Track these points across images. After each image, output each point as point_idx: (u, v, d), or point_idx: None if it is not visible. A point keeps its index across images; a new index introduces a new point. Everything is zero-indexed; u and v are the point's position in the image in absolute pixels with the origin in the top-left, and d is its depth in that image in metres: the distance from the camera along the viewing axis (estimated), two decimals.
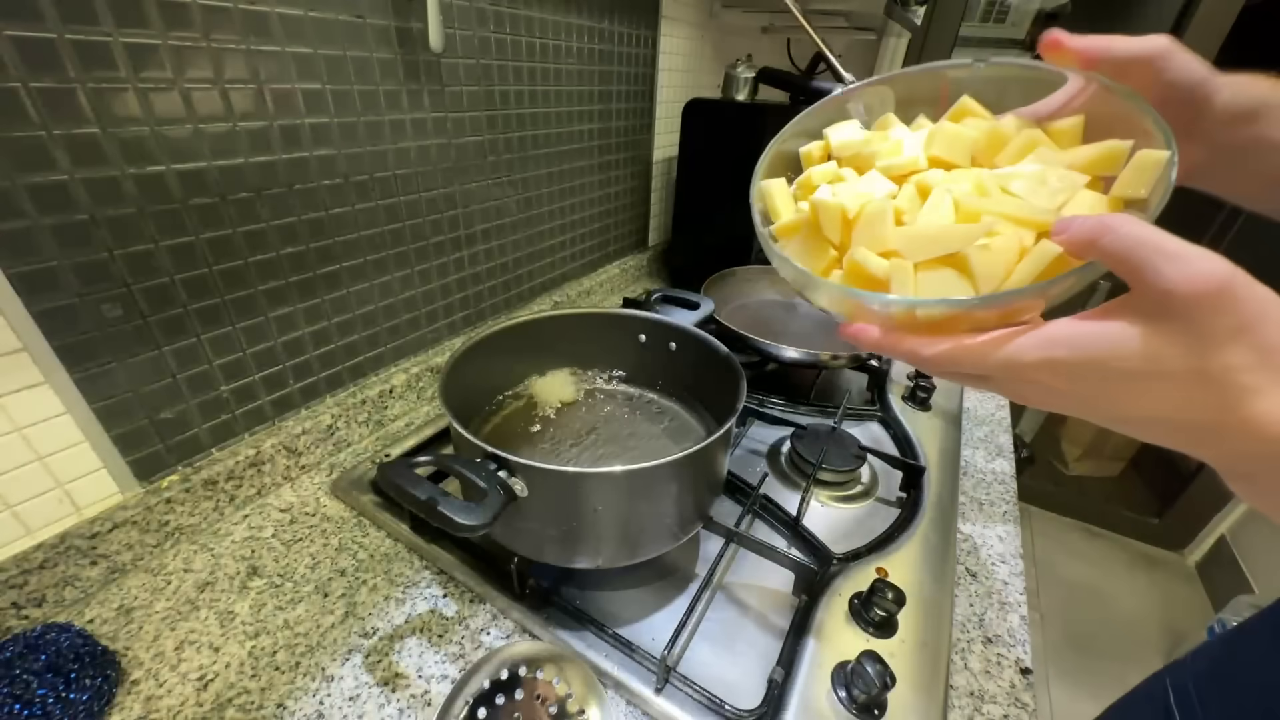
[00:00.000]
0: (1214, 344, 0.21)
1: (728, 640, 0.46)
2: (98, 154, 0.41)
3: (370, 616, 0.46)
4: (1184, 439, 0.23)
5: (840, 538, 0.56)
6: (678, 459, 0.41)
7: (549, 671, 0.40)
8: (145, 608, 0.46)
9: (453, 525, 0.35)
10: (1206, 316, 0.21)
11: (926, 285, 0.27)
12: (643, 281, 1.21)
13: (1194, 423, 0.22)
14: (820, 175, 0.35)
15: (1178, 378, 0.21)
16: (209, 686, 0.41)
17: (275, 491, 0.59)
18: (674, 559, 0.52)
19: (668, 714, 0.40)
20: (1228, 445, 0.22)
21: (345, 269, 0.61)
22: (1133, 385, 0.22)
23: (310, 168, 0.54)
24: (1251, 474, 0.23)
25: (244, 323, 0.54)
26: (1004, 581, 0.53)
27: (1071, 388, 0.24)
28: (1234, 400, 0.21)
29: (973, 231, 0.27)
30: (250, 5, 0.46)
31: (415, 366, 0.72)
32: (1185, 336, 0.21)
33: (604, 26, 0.87)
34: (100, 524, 0.46)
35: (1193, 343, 0.21)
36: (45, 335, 0.41)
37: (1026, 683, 0.45)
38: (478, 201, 0.75)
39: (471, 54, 0.67)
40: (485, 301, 0.82)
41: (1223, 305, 0.20)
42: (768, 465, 0.66)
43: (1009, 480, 0.67)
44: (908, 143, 0.33)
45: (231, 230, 0.50)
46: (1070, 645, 1.58)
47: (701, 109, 1.00)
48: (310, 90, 0.52)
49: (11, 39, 0.36)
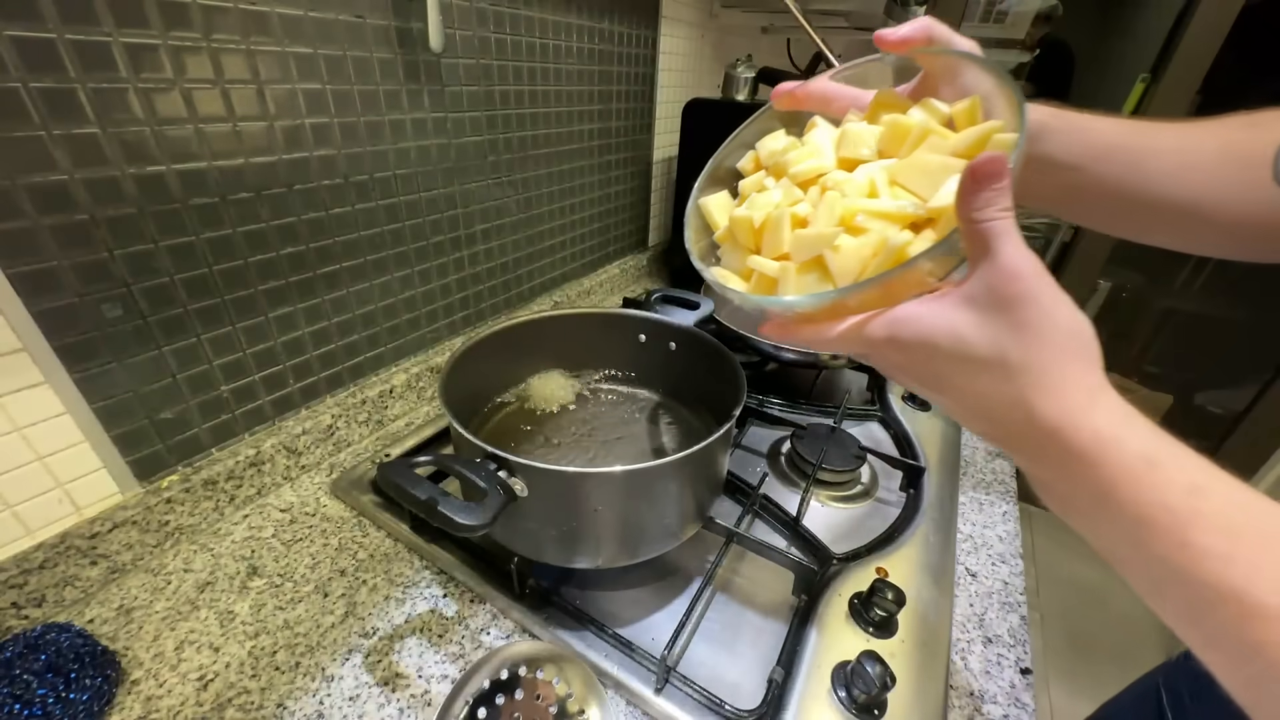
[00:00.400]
0: (1018, 339, 0.23)
1: (728, 640, 0.46)
2: (98, 154, 0.41)
3: (370, 616, 0.46)
4: (1001, 435, 0.25)
5: (840, 538, 0.56)
6: (678, 459, 0.41)
7: (549, 671, 0.40)
8: (145, 608, 0.46)
9: (453, 525, 0.35)
10: (1017, 310, 0.23)
11: (803, 285, 0.31)
12: (643, 281, 1.21)
13: (1004, 417, 0.24)
14: (748, 186, 0.38)
15: (988, 367, 0.24)
16: (209, 686, 0.41)
17: (275, 491, 0.59)
18: (674, 559, 0.52)
19: (668, 714, 0.40)
20: (1028, 446, 0.24)
21: (345, 269, 0.61)
22: (955, 368, 0.25)
23: (310, 168, 0.54)
24: (1048, 482, 0.24)
25: (244, 323, 0.54)
26: (1004, 581, 0.53)
27: (910, 363, 0.27)
28: (1029, 396, 0.23)
29: (827, 236, 0.30)
30: (250, 5, 0.46)
31: (415, 366, 0.72)
32: (995, 328, 0.23)
33: (604, 26, 0.87)
34: (100, 524, 0.46)
35: (1000, 334, 0.23)
36: (45, 335, 0.41)
37: (1026, 683, 0.45)
38: (478, 201, 0.75)
39: (471, 54, 0.67)
40: (485, 301, 0.82)
41: (1027, 302, 0.23)
42: (768, 465, 0.66)
43: (1009, 480, 0.67)
44: (823, 147, 0.35)
45: (231, 230, 0.50)
46: (1070, 645, 1.58)
47: (701, 109, 1.00)
48: (310, 90, 0.52)
49: (12, 39, 0.36)
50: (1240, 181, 0.32)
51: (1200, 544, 0.20)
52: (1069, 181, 0.35)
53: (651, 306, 0.63)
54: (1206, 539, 0.20)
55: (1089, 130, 0.34)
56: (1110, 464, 0.22)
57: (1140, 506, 0.21)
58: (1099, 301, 2.12)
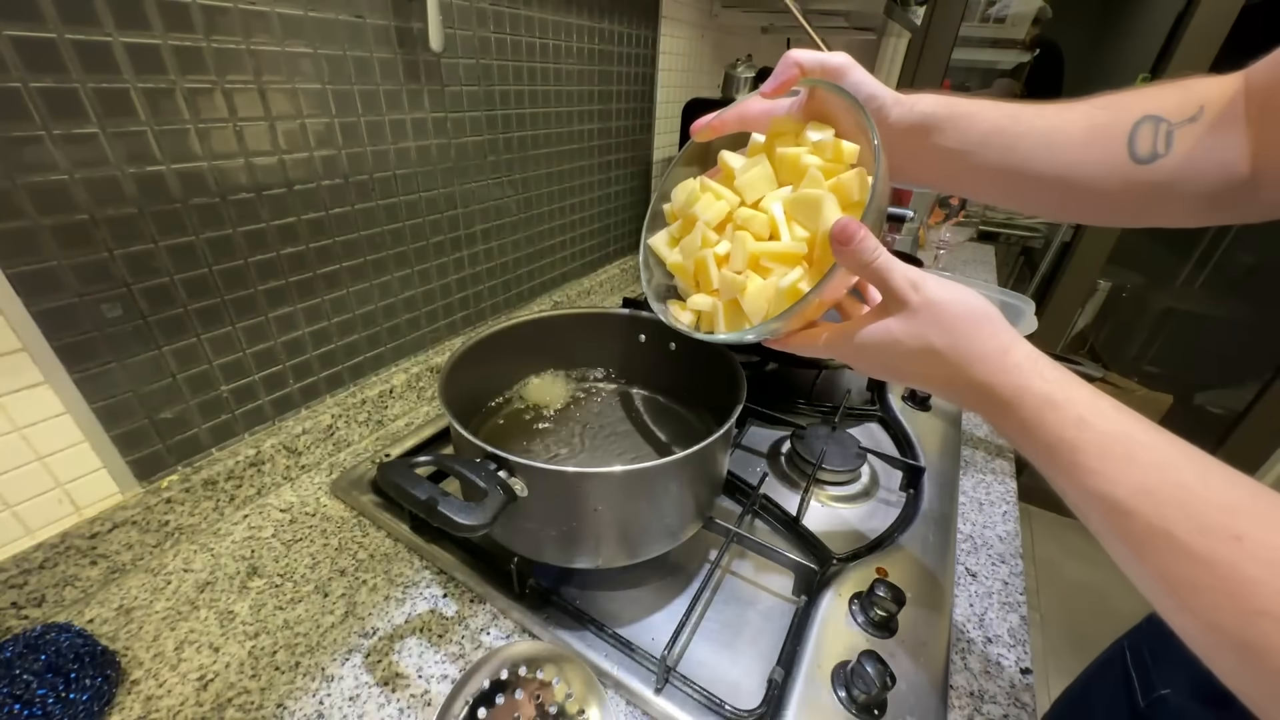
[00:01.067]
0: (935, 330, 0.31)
1: (728, 640, 0.46)
2: (98, 154, 0.41)
3: (370, 616, 0.46)
4: (955, 398, 0.34)
5: (840, 538, 0.56)
6: (678, 459, 0.41)
7: (549, 671, 0.40)
8: (145, 608, 0.46)
9: (453, 525, 0.35)
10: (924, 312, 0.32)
11: (731, 318, 0.40)
12: None
13: (949, 387, 0.33)
14: (675, 232, 0.46)
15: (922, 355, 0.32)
16: (209, 686, 0.41)
17: (275, 491, 0.59)
18: (674, 559, 0.52)
19: (668, 714, 0.40)
20: (973, 403, 0.32)
21: (345, 269, 0.61)
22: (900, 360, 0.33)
23: (310, 167, 0.54)
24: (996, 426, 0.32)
25: (244, 323, 0.54)
26: (1004, 581, 0.53)
27: (871, 362, 0.35)
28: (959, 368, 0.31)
29: (738, 283, 0.38)
30: (250, 5, 0.46)
31: (415, 366, 0.72)
32: (914, 327, 0.32)
33: (604, 26, 0.87)
34: (100, 524, 0.46)
35: (920, 330, 0.32)
36: (45, 335, 0.41)
37: (1026, 683, 0.45)
38: (478, 201, 0.75)
39: (471, 54, 0.67)
40: (485, 301, 0.82)
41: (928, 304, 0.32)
42: (768, 465, 0.66)
43: (1009, 480, 0.67)
44: (722, 189, 0.42)
45: (231, 230, 0.50)
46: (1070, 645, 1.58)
47: (701, 109, 1.00)
48: (310, 90, 0.52)
49: (12, 39, 0.36)
50: (1103, 158, 0.37)
51: (1083, 464, 0.27)
52: (959, 165, 0.40)
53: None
54: (1087, 460, 0.27)
55: (973, 118, 0.39)
56: (1025, 407, 0.29)
57: (1046, 439, 0.28)
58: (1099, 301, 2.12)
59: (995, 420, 0.31)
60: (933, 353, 0.31)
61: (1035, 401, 0.29)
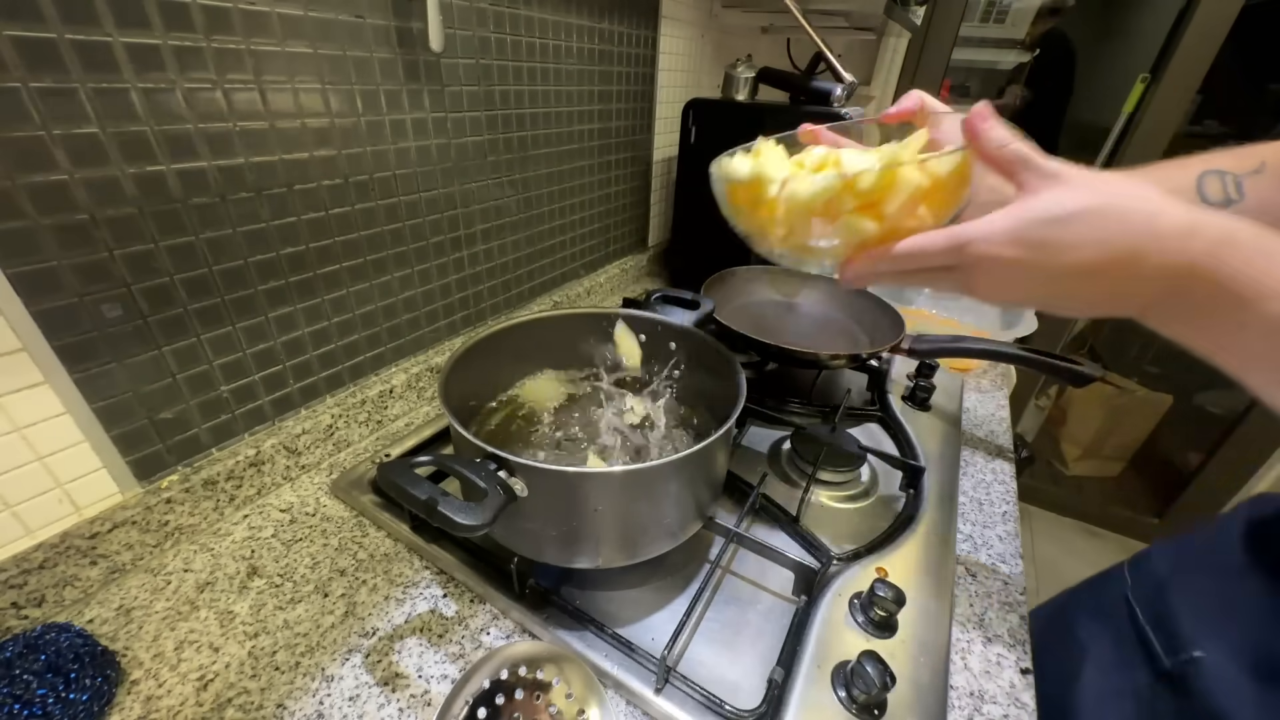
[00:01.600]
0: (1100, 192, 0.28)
1: (728, 640, 0.46)
2: (98, 154, 0.41)
3: (370, 616, 0.46)
4: (1124, 276, 0.28)
5: (840, 538, 0.56)
6: (678, 459, 0.41)
7: (549, 671, 0.40)
8: (145, 608, 0.46)
9: (453, 525, 0.35)
10: (1080, 180, 0.29)
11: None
12: (643, 281, 1.21)
13: (1127, 253, 0.27)
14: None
15: (1089, 217, 0.28)
16: (209, 686, 0.41)
17: (275, 491, 0.59)
18: (674, 559, 0.52)
19: (668, 714, 0.40)
20: (1146, 271, 0.27)
21: (345, 269, 0.61)
22: (1062, 231, 0.28)
23: (310, 168, 0.54)
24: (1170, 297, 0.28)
25: (244, 323, 0.54)
26: (1004, 581, 0.53)
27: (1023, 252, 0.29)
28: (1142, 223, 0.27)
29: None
30: (250, 5, 0.46)
31: (415, 366, 0.72)
32: (1075, 194, 0.28)
33: (604, 26, 0.87)
34: (100, 524, 0.46)
35: (1082, 195, 0.28)
36: (45, 335, 0.41)
37: (1026, 683, 0.45)
38: (478, 201, 0.75)
39: (471, 54, 0.67)
40: (485, 301, 0.82)
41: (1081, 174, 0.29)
42: (768, 465, 0.66)
43: (1009, 480, 0.67)
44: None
45: (231, 230, 0.50)
46: None
47: (701, 109, 1.00)
48: (310, 90, 0.52)
49: (12, 39, 0.36)
50: None
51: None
52: None
53: (651, 306, 0.62)
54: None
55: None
56: (1244, 246, 0.25)
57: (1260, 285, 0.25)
58: None
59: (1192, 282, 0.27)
60: (1100, 215, 0.27)
61: (1247, 245, 0.25)
